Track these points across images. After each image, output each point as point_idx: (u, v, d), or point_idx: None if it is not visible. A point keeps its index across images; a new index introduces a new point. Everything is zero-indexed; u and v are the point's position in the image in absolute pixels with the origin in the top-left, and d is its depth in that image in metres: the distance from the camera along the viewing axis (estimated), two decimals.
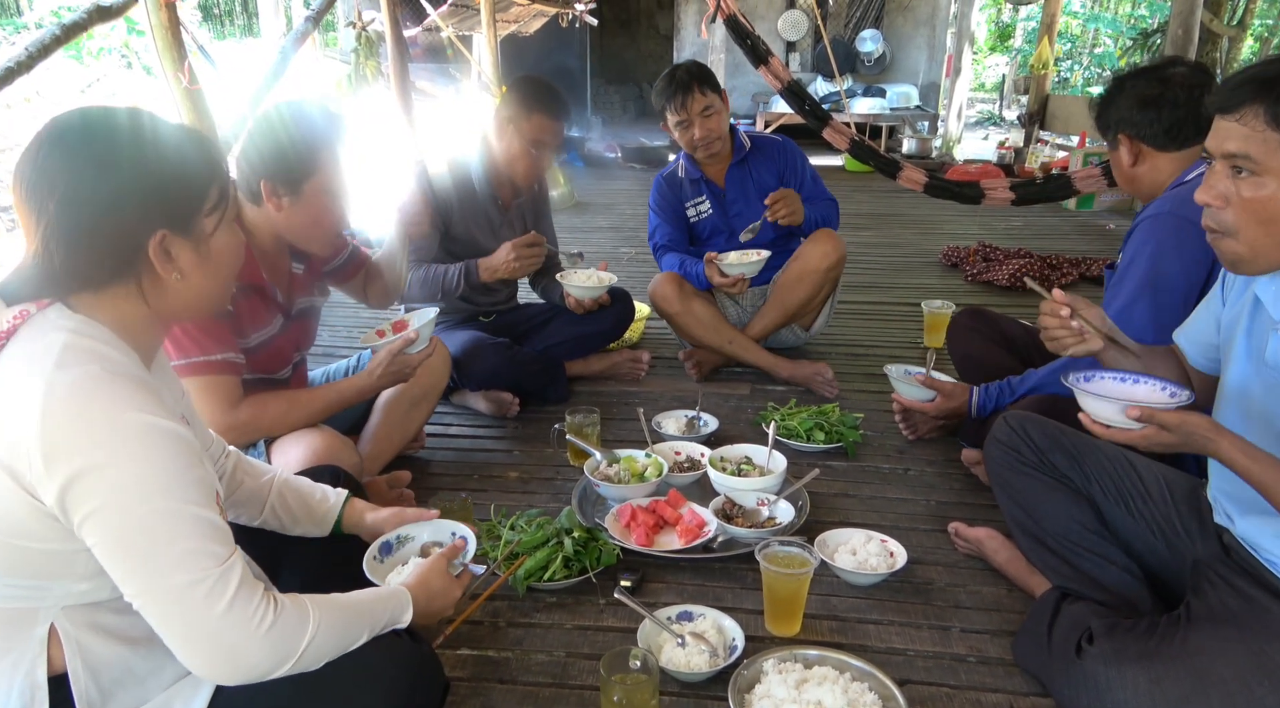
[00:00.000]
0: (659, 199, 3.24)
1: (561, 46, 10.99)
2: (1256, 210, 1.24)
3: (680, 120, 2.96)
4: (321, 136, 1.84)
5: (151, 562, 1.00)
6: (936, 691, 1.60)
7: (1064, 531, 1.72)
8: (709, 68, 3.07)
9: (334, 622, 1.13)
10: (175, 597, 1.00)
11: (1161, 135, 1.94)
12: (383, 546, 1.83)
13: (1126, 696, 1.37)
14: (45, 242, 1.04)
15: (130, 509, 0.99)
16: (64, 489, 0.97)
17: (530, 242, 2.70)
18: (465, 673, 1.64)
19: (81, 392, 0.99)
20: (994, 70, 18.25)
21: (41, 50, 2.89)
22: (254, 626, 1.03)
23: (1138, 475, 1.70)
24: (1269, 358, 1.36)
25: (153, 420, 1.01)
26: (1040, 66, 8.29)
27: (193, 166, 1.12)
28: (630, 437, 2.58)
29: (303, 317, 2.12)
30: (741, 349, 3.05)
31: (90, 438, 0.98)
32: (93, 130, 1.07)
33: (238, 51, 10.46)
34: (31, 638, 1.06)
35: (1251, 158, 1.23)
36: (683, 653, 1.59)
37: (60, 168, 1.03)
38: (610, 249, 5.41)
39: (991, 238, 5.31)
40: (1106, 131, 2.03)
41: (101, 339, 1.06)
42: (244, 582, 1.04)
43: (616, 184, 7.99)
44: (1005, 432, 1.86)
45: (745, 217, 3.10)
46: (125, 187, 1.06)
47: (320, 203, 1.87)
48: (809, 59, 10.71)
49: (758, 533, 1.96)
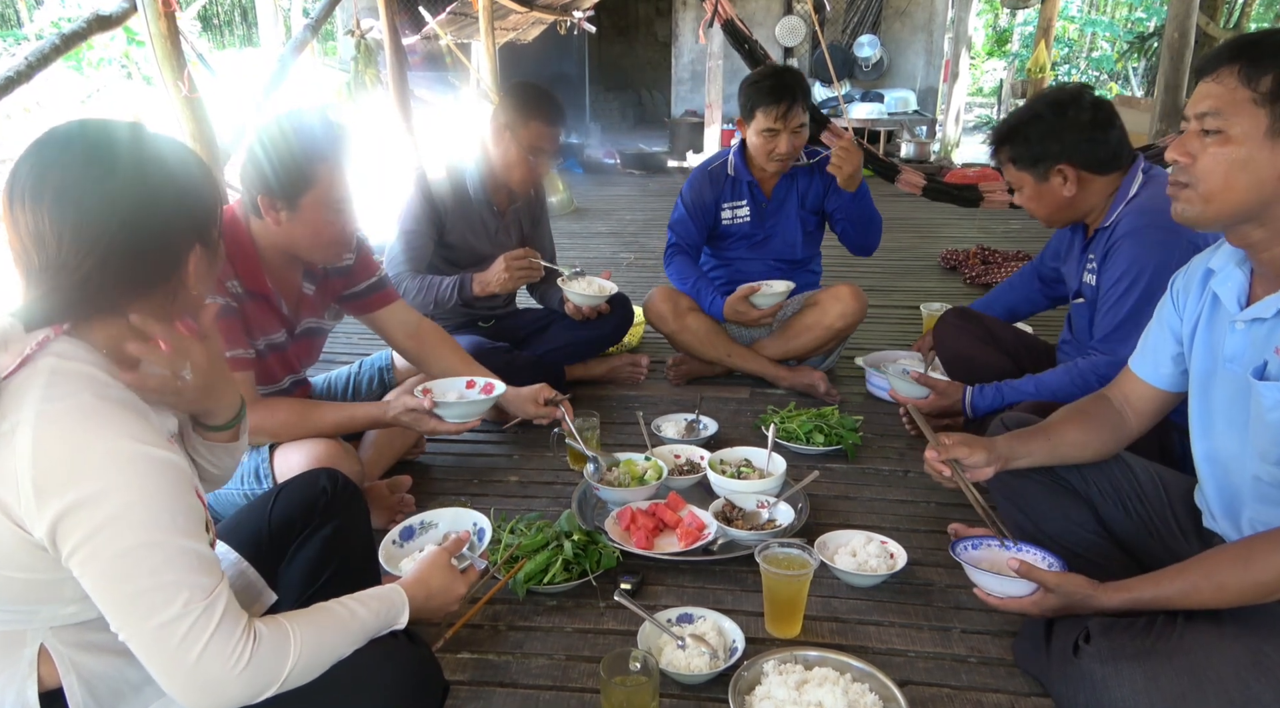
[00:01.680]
0: (694, 192, 3.09)
1: (560, 54, 11.04)
2: (1218, 162, 1.30)
3: (770, 128, 2.85)
4: (319, 149, 1.81)
5: (135, 597, 0.99)
6: (938, 691, 1.59)
7: (1063, 532, 1.72)
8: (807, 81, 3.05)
9: (319, 644, 1.12)
10: (154, 635, 0.99)
11: (1108, 160, 2.01)
12: (404, 531, 1.84)
13: (1124, 693, 1.37)
14: (103, 261, 1.02)
15: (118, 542, 0.98)
16: (55, 522, 0.96)
17: (520, 255, 2.70)
18: (465, 676, 1.64)
19: (72, 422, 0.98)
20: (991, 75, 18.29)
21: (41, 60, 2.90)
22: (231, 663, 1.02)
23: (1134, 476, 1.71)
24: (1227, 352, 1.43)
25: (143, 449, 1.00)
26: (1037, 71, 8.32)
27: (210, 181, 1.16)
28: (630, 440, 2.59)
29: (307, 336, 2.11)
30: (741, 360, 3.05)
31: (82, 471, 0.97)
32: (130, 148, 1.07)
33: (237, 61, 10.50)
34: (20, 659, 1.06)
35: (1220, 114, 1.28)
36: (683, 655, 1.59)
37: (121, 187, 1.03)
38: (610, 255, 5.42)
39: (990, 241, 5.32)
40: (1039, 165, 2.03)
41: (88, 361, 1.04)
42: (225, 616, 1.03)
43: (615, 190, 8.00)
44: None
45: (779, 231, 3.08)
46: (177, 203, 1.09)
47: (319, 216, 1.84)
48: (807, 65, 10.74)
49: (758, 535, 1.96)
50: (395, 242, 2.76)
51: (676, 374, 3.13)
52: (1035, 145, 2.02)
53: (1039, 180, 2.04)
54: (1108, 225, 2.06)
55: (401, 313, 2.27)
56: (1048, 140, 2.00)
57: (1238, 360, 1.41)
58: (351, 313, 2.25)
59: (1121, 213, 2.03)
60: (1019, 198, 2.14)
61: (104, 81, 9.79)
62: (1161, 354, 1.61)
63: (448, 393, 2.11)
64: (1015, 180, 2.09)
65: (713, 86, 8.32)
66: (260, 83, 4.21)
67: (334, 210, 1.85)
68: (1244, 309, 1.41)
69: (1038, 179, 2.04)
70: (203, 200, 1.14)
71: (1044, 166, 2.02)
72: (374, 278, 2.20)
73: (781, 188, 3.06)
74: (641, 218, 6.48)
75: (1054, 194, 2.05)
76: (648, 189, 7.89)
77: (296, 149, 1.79)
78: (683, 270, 3.07)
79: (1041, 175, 2.03)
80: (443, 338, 2.33)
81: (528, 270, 2.72)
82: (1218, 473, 1.50)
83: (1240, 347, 1.41)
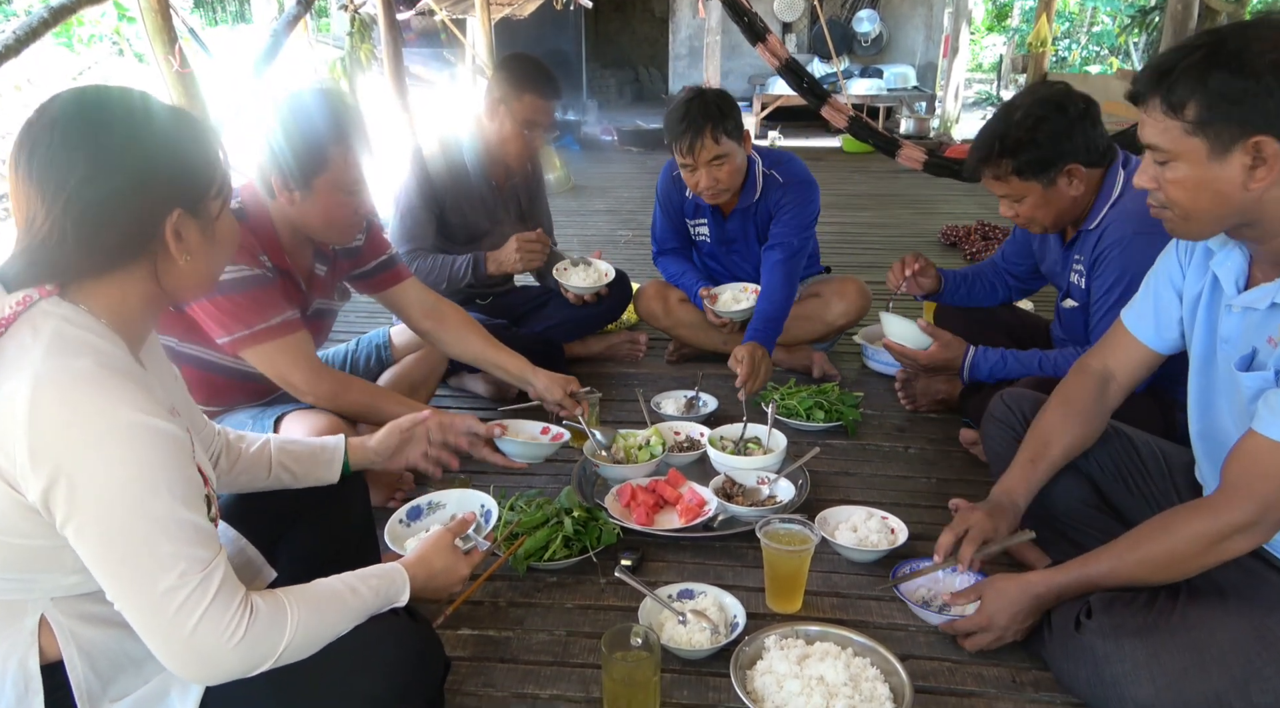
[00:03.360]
0: (664, 196, 2.98)
1: (556, 30, 10.91)
2: (1180, 189, 1.32)
3: (684, 163, 2.62)
4: (333, 131, 1.77)
5: (132, 568, 0.99)
6: (939, 665, 1.60)
7: (1065, 508, 1.72)
8: (732, 100, 2.63)
9: (315, 619, 1.12)
10: (150, 606, 0.99)
11: (1105, 152, 1.97)
12: (411, 510, 1.83)
13: (1125, 668, 1.37)
14: (61, 223, 1.01)
15: (114, 511, 0.97)
16: (49, 486, 0.96)
17: (532, 237, 2.69)
18: (466, 653, 1.64)
19: (72, 387, 0.97)
20: (991, 50, 18.12)
21: (30, 34, 2.86)
22: (227, 636, 1.02)
23: (1135, 452, 1.71)
24: (1222, 333, 1.44)
25: (144, 419, 1.00)
26: (1038, 45, 8.23)
27: (201, 148, 1.13)
28: (630, 417, 2.58)
29: (318, 317, 2.09)
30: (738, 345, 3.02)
31: (79, 436, 0.96)
32: (107, 109, 1.05)
33: (230, 37, 10.38)
34: (22, 629, 1.06)
35: (1161, 148, 1.31)
36: (684, 630, 1.59)
37: (81, 146, 1.02)
38: (608, 232, 5.39)
39: (990, 217, 5.28)
40: (1049, 169, 1.93)
41: (91, 329, 1.04)
42: (222, 589, 1.03)
43: (613, 167, 7.94)
44: (1002, 410, 1.85)
45: (741, 255, 2.96)
46: (146, 165, 1.05)
47: (333, 199, 1.81)
48: (805, 40, 10.64)
49: (758, 511, 1.95)
50: (395, 222, 2.74)
51: (678, 357, 3.12)
52: (1046, 148, 1.92)
53: (1047, 186, 1.96)
54: (1092, 227, 2.00)
55: (416, 291, 2.21)
56: (1059, 141, 1.92)
57: (1231, 343, 1.41)
58: (363, 292, 2.22)
59: (1108, 217, 1.97)
60: (1019, 209, 2.03)
61: (95, 58, 9.68)
62: (1165, 317, 1.59)
63: (520, 434, 2.05)
64: (1017, 191, 1.98)
65: (711, 62, 8.23)
66: (252, 59, 4.16)
67: (347, 192, 1.82)
68: (1241, 293, 1.40)
69: (1046, 185, 1.96)
70: (186, 165, 1.10)
71: (1054, 169, 1.94)
72: (383, 256, 2.16)
73: (736, 219, 2.86)
74: (639, 195, 6.43)
75: (1061, 197, 1.98)
76: (645, 166, 7.83)
77: (311, 131, 1.75)
78: (669, 267, 3.04)
79: (1050, 180, 1.94)
80: (464, 319, 2.25)
81: (536, 252, 2.70)
82: (1213, 451, 1.50)
83: (1234, 330, 1.41)
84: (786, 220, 2.76)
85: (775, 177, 2.79)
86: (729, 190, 2.70)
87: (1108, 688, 1.39)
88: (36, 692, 1.05)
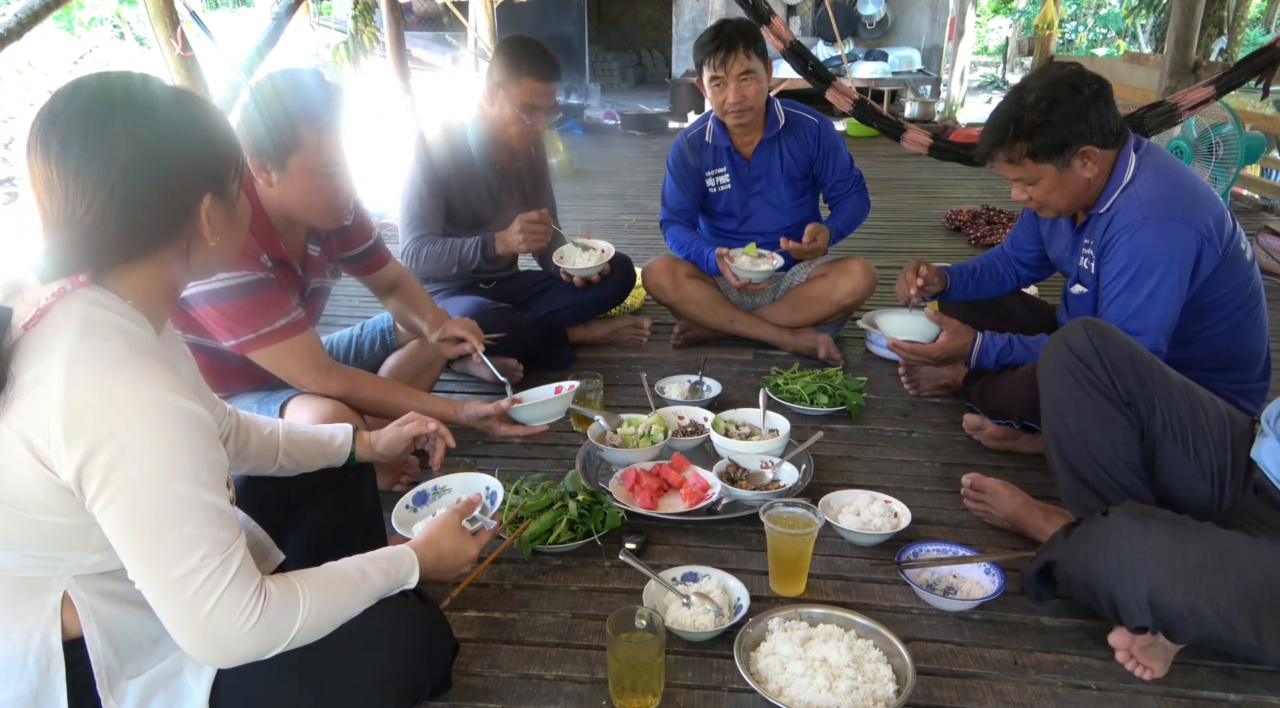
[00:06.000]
0: (677, 161, 3.04)
1: (559, 13, 10.84)
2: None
3: (715, 77, 2.77)
4: (308, 111, 1.74)
5: (156, 547, 1.00)
6: (941, 647, 1.61)
7: (1107, 462, 1.69)
8: (759, 31, 2.93)
9: (327, 603, 1.14)
10: (171, 587, 1.01)
11: (1119, 132, 1.95)
12: (417, 496, 1.84)
13: (1147, 548, 1.38)
14: (105, 211, 1.02)
15: (145, 491, 0.99)
16: (82, 464, 0.97)
17: (535, 218, 2.68)
18: (472, 635, 1.65)
19: (105, 367, 0.99)
20: (997, 33, 17.99)
21: (31, 17, 2.85)
22: (242, 620, 1.03)
23: (1205, 414, 1.67)
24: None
25: (175, 400, 1.01)
26: (1045, 28, 8.18)
27: (222, 132, 1.15)
28: (634, 402, 2.58)
29: (314, 297, 2.10)
30: (745, 326, 3.03)
31: (114, 413, 0.98)
32: (136, 97, 1.07)
33: (231, 21, 10.33)
34: (45, 605, 1.07)
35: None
36: (688, 613, 1.60)
37: (121, 135, 1.03)
38: (611, 216, 5.37)
39: (995, 201, 5.26)
40: (1064, 151, 1.91)
41: (119, 311, 1.06)
42: (240, 573, 1.04)
43: (616, 151, 7.91)
44: (1081, 343, 1.71)
45: (766, 197, 3.01)
46: (182, 151, 1.08)
47: (307, 181, 1.79)
48: (810, 23, 10.55)
49: (762, 495, 1.96)
50: (403, 209, 2.73)
51: (683, 341, 3.12)
52: (1061, 130, 1.89)
53: (1062, 168, 1.93)
54: (1103, 211, 1.99)
55: (395, 272, 2.26)
56: (1073, 122, 1.89)
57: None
58: (350, 273, 2.24)
59: (1118, 201, 1.96)
60: (1033, 192, 2.01)
61: (96, 42, 9.64)
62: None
63: (535, 398, 2.06)
64: (1031, 174, 1.95)
65: None
66: (253, 42, 4.14)
67: (322, 175, 1.80)
68: None
69: (1061, 167, 1.93)
70: (213, 148, 1.13)
71: (1069, 151, 1.91)
72: (370, 241, 2.18)
73: (763, 151, 2.96)
74: (643, 180, 6.41)
75: (1076, 180, 1.95)
76: (649, 150, 7.79)
77: (285, 109, 1.73)
78: (679, 236, 3.05)
79: (1065, 162, 1.91)
80: (414, 289, 2.31)
81: (539, 233, 2.69)
82: None
83: None
84: (834, 170, 3.02)
85: (804, 115, 2.99)
86: (753, 109, 2.83)
87: (1124, 566, 1.39)
88: (59, 667, 1.07)
